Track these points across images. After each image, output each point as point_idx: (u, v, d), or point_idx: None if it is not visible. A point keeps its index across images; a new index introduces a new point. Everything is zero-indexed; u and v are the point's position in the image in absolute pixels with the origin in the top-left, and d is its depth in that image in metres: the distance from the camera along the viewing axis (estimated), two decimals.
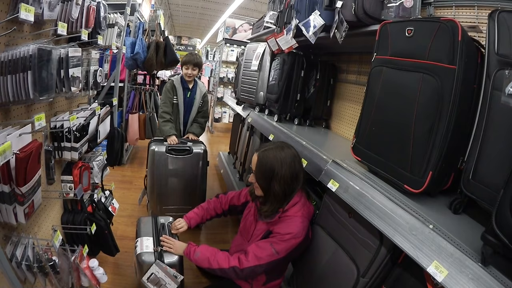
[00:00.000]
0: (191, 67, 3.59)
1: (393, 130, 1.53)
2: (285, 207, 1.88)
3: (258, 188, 1.95)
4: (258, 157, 1.89)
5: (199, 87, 3.79)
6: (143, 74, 5.68)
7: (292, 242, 1.81)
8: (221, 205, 2.34)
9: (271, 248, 1.80)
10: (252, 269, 1.82)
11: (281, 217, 1.89)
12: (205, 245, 1.99)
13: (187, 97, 3.74)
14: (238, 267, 1.82)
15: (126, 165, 5.38)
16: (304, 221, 1.86)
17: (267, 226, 1.94)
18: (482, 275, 1.01)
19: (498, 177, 1.14)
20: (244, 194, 2.29)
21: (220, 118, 8.99)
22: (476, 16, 1.61)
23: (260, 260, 1.80)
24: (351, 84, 2.90)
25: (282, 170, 1.83)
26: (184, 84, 3.71)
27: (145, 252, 2.04)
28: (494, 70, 1.20)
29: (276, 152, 1.86)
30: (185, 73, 3.62)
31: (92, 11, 2.14)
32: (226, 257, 1.88)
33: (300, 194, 1.94)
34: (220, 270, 1.87)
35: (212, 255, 1.90)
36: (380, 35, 1.67)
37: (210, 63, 11.36)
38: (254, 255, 1.82)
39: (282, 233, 1.82)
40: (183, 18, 20.17)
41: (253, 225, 2.06)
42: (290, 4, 2.70)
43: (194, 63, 3.60)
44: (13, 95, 1.48)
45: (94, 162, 2.52)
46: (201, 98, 3.80)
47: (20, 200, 1.53)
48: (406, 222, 1.30)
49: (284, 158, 1.84)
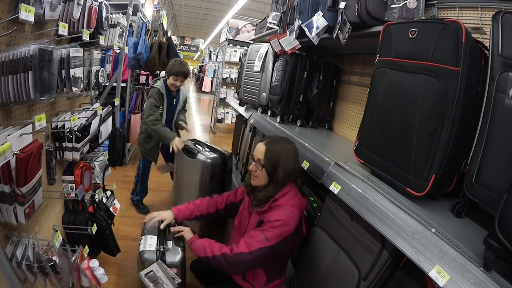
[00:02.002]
0: (180, 79, 3.40)
1: (396, 132, 1.52)
2: (276, 196, 1.92)
3: (258, 177, 1.97)
4: (266, 146, 1.95)
5: (181, 91, 3.63)
6: (145, 74, 5.68)
7: (282, 230, 1.82)
8: (216, 204, 2.33)
9: (261, 234, 1.83)
10: (240, 255, 1.84)
11: (272, 206, 1.92)
12: (208, 239, 2.03)
13: (172, 104, 3.58)
14: (228, 254, 1.86)
15: (128, 165, 5.38)
16: (294, 210, 1.87)
17: (259, 217, 1.97)
18: (484, 280, 1.00)
19: (502, 181, 1.13)
20: (241, 191, 2.30)
21: (222, 119, 9.00)
22: (480, 18, 1.60)
23: (250, 247, 1.83)
24: (354, 85, 2.89)
25: (287, 161, 1.93)
26: (170, 93, 3.50)
27: (148, 250, 2.06)
28: (498, 72, 1.19)
29: (283, 144, 1.97)
30: (172, 84, 3.40)
31: (94, 11, 2.14)
32: (220, 246, 1.92)
33: (291, 185, 1.97)
34: (212, 258, 1.90)
35: (208, 245, 1.95)
36: (384, 37, 1.66)
37: (213, 63, 11.39)
38: (244, 242, 1.86)
39: (272, 220, 1.85)
40: (186, 19, 20.24)
41: (247, 219, 2.09)
42: (293, 5, 2.70)
43: (185, 75, 3.43)
44: (14, 95, 1.48)
45: (96, 162, 2.52)
46: (183, 102, 3.71)
47: (20, 200, 1.53)
48: (409, 225, 1.28)
49: (289, 150, 1.96)
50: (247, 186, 2.13)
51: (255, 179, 2.00)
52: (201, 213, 2.31)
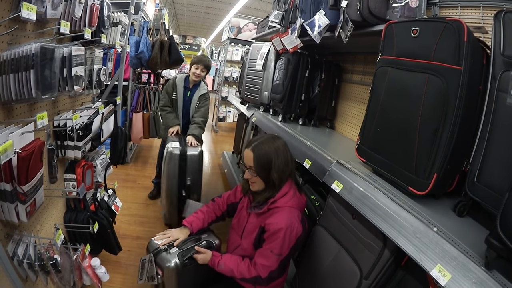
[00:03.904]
0: (201, 67, 3.61)
1: (398, 131, 1.52)
2: (275, 196, 1.87)
3: (255, 183, 1.92)
4: (253, 152, 1.87)
5: (199, 88, 3.78)
6: (147, 73, 5.68)
7: (288, 238, 1.78)
8: (220, 207, 2.29)
9: (273, 255, 1.80)
10: (270, 276, 1.84)
11: (270, 208, 1.87)
12: (228, 255, 1.98)
13: (187, 96, 3.78)
14: (260, 277, 1.84)
15: (130, 164, 5.39)
16: (293, 212, 1.84)
17: (258, 221, 1.92)
18: (485, 279, 1.00)
19: (503, 180, 1.13)
20: (240, 190, 2.26)
21: (224, 117, 9.00)
22: (482, 17, 1.59)
23: (271, 267, 1.82)
24: (356, 84, 2.89)
25: (279, 159, 1.85)
26: (186, 84, 3.74)
27: (155, 242, 2.04)
28: (499, 72, 1.18)
29: (269, 144, 1.88)
30: (194, 72, 3.63)
31: (96, 9, 2.14)
32: (247, 267, 1.88)
33: (289, 185, 1.92)
34: (241, 279, 1.91)
35: (235, 267, 1.90)
36: (386, 35, 1.65)
37: (215, 62, 11.38)
38: (263, 265, 1.83)
39: (273, 230, 1.79)
40: (188, 17, 20.22)
41: (245, 219, 2.05)
42: (295, 4, 2.69)
43: (205, 64, 3.63)
44: (16, 93, 1.48)
45: (98, 161, 2.52)
46: (198, 99, 3.77)
47: (22, 199, 1.53)
48: (410, 224, 1.28)
49: (278, 148, 1.87)
50: (244, 189, 2.10)
51: (253, 185, 1.94)
52: (211, 219, 2.25)
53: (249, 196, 2.06)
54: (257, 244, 1.92)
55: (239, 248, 2.01)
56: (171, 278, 1.94)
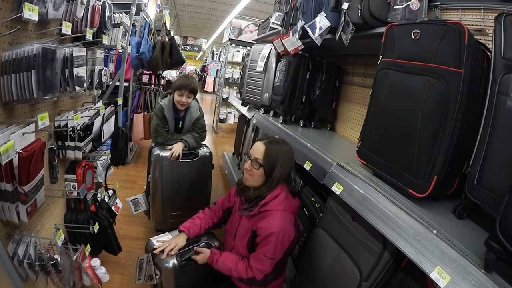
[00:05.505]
0: (186, 93, 2.98)
1: (399, 133, 1.52)
2: (266, 198, 1.87)
3: (254, 176, 1.92)
4: (265, 146, 1.90)
5: (190, 111, 3.18)
6: (148, 74, 5.69)
7: (280, 242, 1.79)
8: (216, 213, 2.27)
9: (266, 259, 1.81)
10: (265, 279, 1.87)
11: (261, 211, 1.87)
12: (227, 253, 1.99)
13: (179, 127, 3.24)
14: (256, 279, 1.86)
15: (130, 164, 5.39)
16: (285, 215, 1.84)
17: (250, 224, 1.93)
18: (485, 281, 1.00)
19: (503, 183, 1.13)
20: (234, 193, 2.25)
21: (225, 118, 9.00)
22: (483, 19, 1.59)
23: (265, 270, 1.84)
24: (356, 86, 2.89)
25: (285, 162, 1.89)
26: (176, 115, 3.16)
27: (154, 242, 2.05)
28: (500, 74, 1.19)
29: (282, 146, 1.92)
30: (178, 101, 3.00)
31: (97, 10, 2.15)
32: (245, 267, 1.89)
33: (281, 187, 1.92)
34: (239, 279, 1.93)
35: (233, 266, 1.91)
36: (386, 38, 1.66)
37: (216, 63, 11.39)
38: (258, 269, 1.84)
39: (265, 235, 1.80)
40: (189, 18, 20.24)
41: (237, 221, 2.05)
42: (296, 6, 2.70)
43: (191, 88, 2.98)
44: (17, 94, 1.49)
45: (98, 162, 2.52)
46: (191, 124, 3.22)
47: (22, 199, 1.53)
48: (410, 226, 1.28)
49: (287, 152, 1.92)
50: (239, 185, 2.10)
51: (248, 179, 1.94)
52: (208, 226, 2.23)
53: (241, 198, 2.07)
54: (251, 247, 1.93)
55: (233, 250, 2.02)
56: (169, 279, 1.94)
